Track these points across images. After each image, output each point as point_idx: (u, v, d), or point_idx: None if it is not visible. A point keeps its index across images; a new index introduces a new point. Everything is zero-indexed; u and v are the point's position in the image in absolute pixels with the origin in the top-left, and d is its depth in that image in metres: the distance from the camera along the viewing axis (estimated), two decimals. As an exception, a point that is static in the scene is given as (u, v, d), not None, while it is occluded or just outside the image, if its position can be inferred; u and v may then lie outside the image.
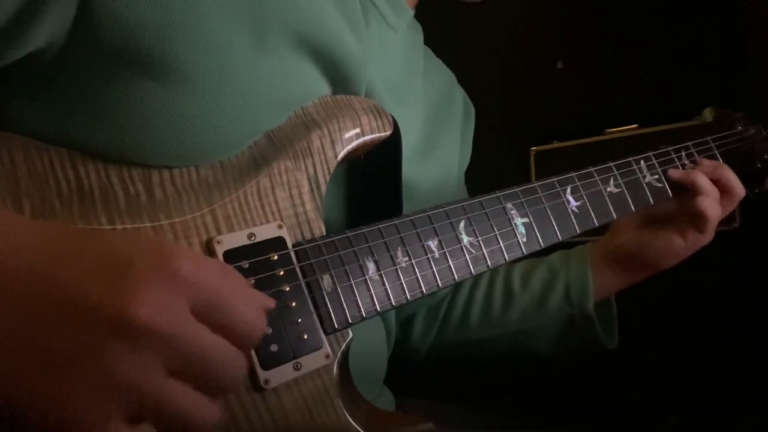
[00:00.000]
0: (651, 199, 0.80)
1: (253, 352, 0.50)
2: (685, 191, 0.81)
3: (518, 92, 1.38)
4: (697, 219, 0.79)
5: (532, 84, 1.36)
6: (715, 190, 0.80)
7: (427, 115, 0.78)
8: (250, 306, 0.41)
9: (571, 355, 0.87)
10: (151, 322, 0.35)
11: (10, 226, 0.39)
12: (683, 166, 0.86)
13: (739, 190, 0.83)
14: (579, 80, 1.31)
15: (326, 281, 0.54)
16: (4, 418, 0.36)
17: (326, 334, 0.54)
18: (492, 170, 0.89)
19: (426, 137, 0.77)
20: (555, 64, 1.33)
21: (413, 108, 0.75)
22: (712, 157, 0.90)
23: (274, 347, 0.50)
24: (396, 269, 0.58)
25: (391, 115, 0.65)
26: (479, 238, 0.64)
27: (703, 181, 0.80)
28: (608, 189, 0.77)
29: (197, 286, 0.38)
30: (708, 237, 0.81)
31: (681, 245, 0.81)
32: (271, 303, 0.45)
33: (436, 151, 0.79)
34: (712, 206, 0.78)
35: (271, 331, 0.51)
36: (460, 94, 0.90)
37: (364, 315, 0.55)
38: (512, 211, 0.67)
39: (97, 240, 0.41)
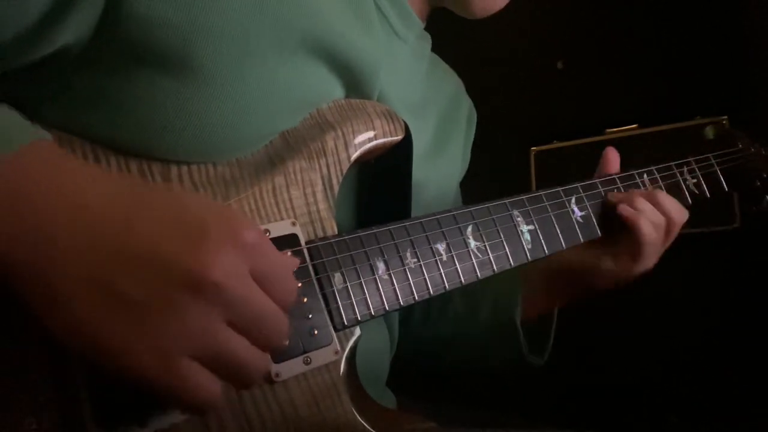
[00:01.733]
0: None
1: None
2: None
3: (518, 92, 1.39)
4: (630, 242, 0.75)
5: (532, 84, 1.37)
6: (655, 213, 0.76)
7: (436, 121, 0.80)
8: (292, 279, 0.47)
9: (571, 354, 0.87)
10: (221, 281, 0.40)
11: (98, 175, 0.44)
12: (684, 180, 0.87)
13: (677, 216, 0.78)
14: (579, 80, 1.32)
15: (337, 279, 0.55)
16: (76, 351, 0.40)
17: (336, 330, 0.55)
18: (492, 170, 0.90)
19: (434, 142, 0.79)
20: (555, 64, 1.34)
21: (423, 114, 0.76)
22: (713, 174, 0.91)
23: (286, 339, 0.51)
24: (405, 270, 0.59)
25: (403, 120, 0.66)
26: (486, 243, 0.65)
27: (640, 200, 0.76)
28: (611, 200, 0.78)
29: (260, 256, 0.43)
30: (645, 262, 0.77)
31: (610, 267, 0.78)
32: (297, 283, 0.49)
33: (443, 156, 0.80)
34: (647, 226, 0.74)
35: None
36: (466, 101, 0.91)
37: (373, 313, 0.56)
38: (518, 218, 0.69)
39: (175, 199, 0.44)
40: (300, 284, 0.52)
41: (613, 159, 0.84)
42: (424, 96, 0.78)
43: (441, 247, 0.62)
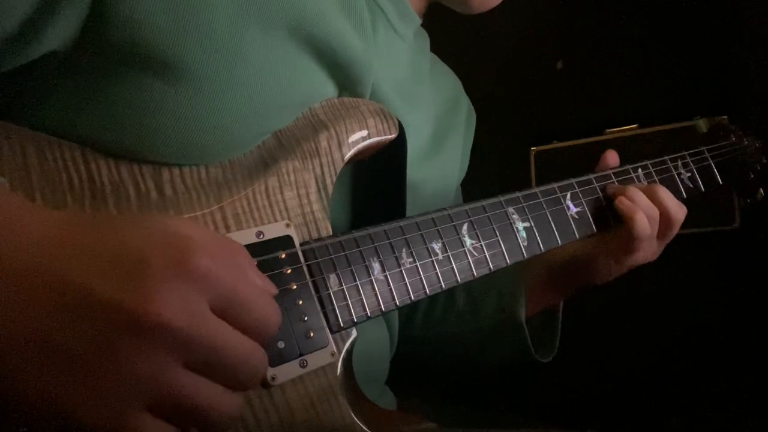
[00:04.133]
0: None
1: (260, 348, 0.50)
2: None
3: (518, 92, 1.38)
4: (625, 235, 0.74)
5: (532, 84, 1.36)
6: (650, 207, 0.75)
7: (435, 120, 0.79)
8: (265, 298, 0.42)
9: (571, 355, 0.87)
10: (167, 320, 0.36)
11: (23, 221, 0.39)
12: (679, 174, 0.87)
13: (676, 213, 0.77)
14: (579, 80, 1.31)
15: (332, 280, 0.55)
16: (18, 419, 0.36)
17: (332, 332, 0.54)
18: (492, 170, 0.89)
19: (432, 140, 0.78)
20: (555, 64, 1.33)
21: (422, 111, 0.76)
22: (707, 168, 0.91)
23: (281, 344, 0.51)
24: (401, 270, 0.59)
25: (396, 118, 0.66)
26: (482, 242, 0.65)
27: (637, 193, 0.75)
28: (605, 196, 0.78)
29: (215, 282, 0.38)
30: (641, 255, 0.76)
31: (606, 262, 0.77)
32: (274, 289, 0.44)
33: (441, 155, 0.80)
34: (641, 220, 0.73)
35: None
36: (465, 101, 0.90)
37: (369, 314, 0.56)
38: (514, 216, 0.68)
39: (110, 233, 0.39)
40: (276, 291, 0.47)
41: (612, 160, 0.83)
42: (424, 94, 0.78)
43: (437, 246, 0.62)
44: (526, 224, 0.69)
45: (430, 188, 0.76)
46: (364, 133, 0.63)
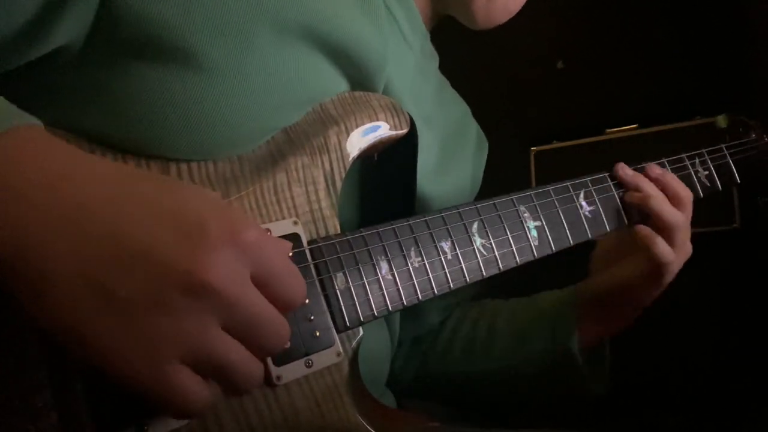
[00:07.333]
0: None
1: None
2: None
3: (518, 92, 1.37)
4: (654, 262, 0.74)
5: (532, 84, 1.35)
6: (673, 214, 0.74)
7: (441, 140, 0.77)
8: (297, 279, 0.45)
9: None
10: (218, 284, 0.38)
11: (90, 163, 0.42)
12: (696, 173, 0.85)
13: (686, 193, 0.76)
14: (579, 80, 1.30)
15: (340, 279, 0.54)
16: (65, 346, 0.39)
17: (338, 332, 0.54)
18: (492, 170, 0.89)
19: (440, 159, 0.76)
20: (555, 64, 1.32)
21: (426, 128, 0.73)
22: (725, 165, 0.89)
23: (286, 344, 0.50)
24: (409, 269, 0.58)
25: (408, 114, 0.64)
26: (492, 241, 0.64)
27: (656, 201, 0.74)
28: (621, 194, 0.77)
29: (260, 257, 0.41)
30: (676, 266, 0.75)
31: (643, 285, 0.76)
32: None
33: (448, 175, 0.77)
34: (662, 247, 0.73)
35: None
36: (474, 127, 0.88)
37: (376, 314, 0.55)
38: (525, 214, 0.67)
39: (173, 191, 0.42)
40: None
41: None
42: (430, 111, 0.76)
43: (446, 245, 0.61)
44: (537, 223, 0.68)
45: (436, 207, 0.74)
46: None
